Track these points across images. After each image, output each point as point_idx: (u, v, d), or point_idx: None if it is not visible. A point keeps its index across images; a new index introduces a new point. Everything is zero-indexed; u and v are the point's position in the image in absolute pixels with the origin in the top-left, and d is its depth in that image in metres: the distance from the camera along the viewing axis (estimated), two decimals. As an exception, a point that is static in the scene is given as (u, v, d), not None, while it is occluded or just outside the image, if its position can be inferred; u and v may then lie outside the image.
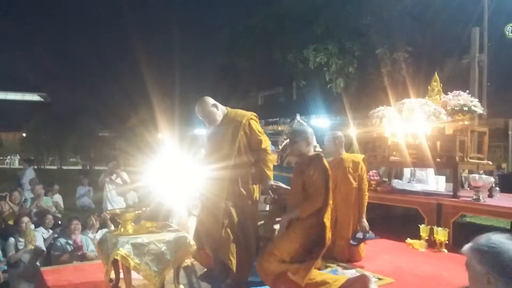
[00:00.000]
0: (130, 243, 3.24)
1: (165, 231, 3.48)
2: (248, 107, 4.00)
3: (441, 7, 11.10)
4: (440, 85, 6.54)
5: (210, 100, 3.83)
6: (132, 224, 3.54)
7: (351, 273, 4.02)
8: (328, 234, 3.37)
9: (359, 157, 4.74)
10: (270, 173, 3.77)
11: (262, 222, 3.90)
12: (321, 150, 4.93)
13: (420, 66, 11.03)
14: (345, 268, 4.20)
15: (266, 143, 3.78)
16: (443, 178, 7.07)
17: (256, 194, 3.81)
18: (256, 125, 3.79)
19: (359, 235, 4.41)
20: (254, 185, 3.77)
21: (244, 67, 15.50)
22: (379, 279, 3.89)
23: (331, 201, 3.49)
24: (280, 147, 5.27)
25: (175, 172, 4.75)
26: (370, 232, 4.48)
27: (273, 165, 4.34)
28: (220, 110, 3.84)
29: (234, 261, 3.58)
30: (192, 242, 3.48)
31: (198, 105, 3.83)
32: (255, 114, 3.86)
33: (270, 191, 3.77)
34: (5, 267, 5.53)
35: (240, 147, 3.70)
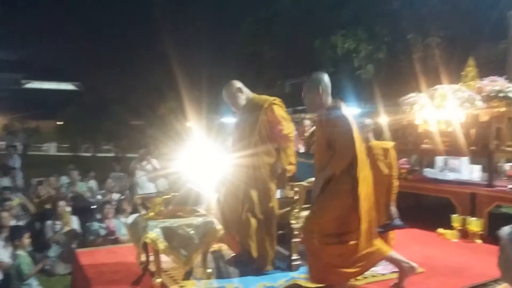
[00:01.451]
0: (159, 227, 3.32)
1: (193, 216, 3.54)
2: (275, 95, 3.96)
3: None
4: (476, 70, 6.32)
5: (236, 84, 3.83)
6: (162, 208, 3.61)
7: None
8: (366, 191, 3.11)
9: (389, 144, 4.65)
10: (288, 162, 3.72)
11: (288, 208, 3.89)
12: None
13: (453, 51, 10.67)
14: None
15: (289, 129, 3.69)
16: (478, 167, 6.86)
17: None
18: (279, 110, 3.70)
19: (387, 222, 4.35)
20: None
21: (270, 55, 15.40)
22: (409, 267, 3.83)
23: (363, 156, 3.18)
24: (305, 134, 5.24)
25: (203, 159, 4.80)
26: (399, 219, 4.38)
27: (300, 152, 4.32)
28: (244, 94, 3.82)
29: (253, 245, 3.61)
30: (219, 227, 3.52)
31: (224, 88, 3.85)
32: (280, 100, 3.79)
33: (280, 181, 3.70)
34: None
35: (261, 132, 3.66)
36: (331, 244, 3.11)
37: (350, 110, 3.32)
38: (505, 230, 1.75)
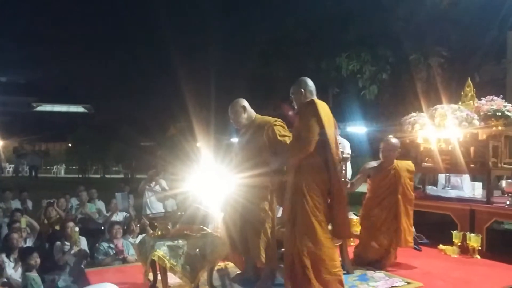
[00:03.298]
0: (167, 245, 3.48)
1: (199, 235, 3.70)
2: (284, 115, 4.13)
3: (476, 10, 10.91)
4: (474, 91, 6.49)
5: (241, 102, 3.96)
6: (169, 228, 3.78)
7: (380, 276, 4.10)
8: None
9: (412, 165, 4.71)
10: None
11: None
12: (349, 154, 4.96)
13: (455, 71, 10.87)
14: (374, 271, 4.27)
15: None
16: (479, 184, 6.97)
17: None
18: (280, 129, 3.81)
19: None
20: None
21: (279, 76, 15.69)
22: (408, 283, 3.96)
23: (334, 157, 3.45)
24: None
25: (211, 179, 4.95)
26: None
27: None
28: (247, 114, 3.94)
29: (259, 263, 3.71)
30: (225, 245, 3.67)
31: (231, 104, 3.99)
32: (280, 120, 3.91)
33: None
34: None
35: (263, 152, 3.77)
36: None
37: (324, 106, 3.57)
38: None
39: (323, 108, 3.51)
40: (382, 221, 4.47)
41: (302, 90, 3.67)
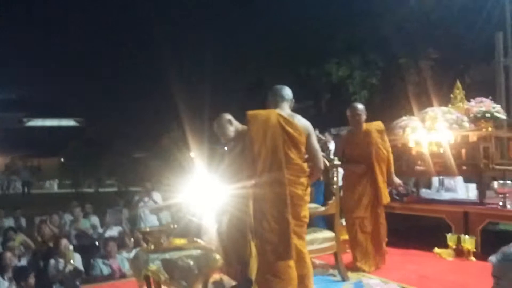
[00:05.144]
0: (160, 259, 3.46)
1: (193, 248, 3.67)
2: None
3: (465, 12, 11.05)
4: (463, 93, 6.53)
5: (226, 116, 3.94)
6: (162, 241, 3.75)
7: (375, 283, 4.08)
8: None
9: (381, 125, 4.92)
10: None
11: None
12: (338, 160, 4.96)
13: (445, 73, 10.97)
14: (369, 278, 4.26)
15: None
16: (473, 186, 6.99)
17: None
18: None
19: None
20: None
21: (272, 84, 15.76)
22: (403, 288, 3.96)
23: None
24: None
25: (204, 190, 4.93)
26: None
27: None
28: (233, 126, 3.92)
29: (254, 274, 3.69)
30: (218, 257, 3.65)
31: (216, 120, 3.99)
32: None
33: None
34: None
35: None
36: None
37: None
38: (495, 259, 1.86)
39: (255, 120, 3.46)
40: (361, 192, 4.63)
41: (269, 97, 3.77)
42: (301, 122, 3.52)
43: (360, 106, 4.99)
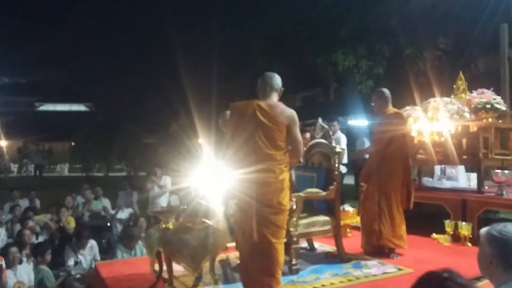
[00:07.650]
0: (171, 237, 3.71)
1: (201, 227, 3.92)
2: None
3: (472, 3, 11.06)
4: (465, 84, 6.68)
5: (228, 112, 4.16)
6: (173, 221, 4.01)
7: (373, 264, 4.33)
8: None
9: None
10: None
11: (288, 218, 4.20)
12: (342, 149, 5.15)
13: (452, 63, 11.04)
14: (367, 259, 4.50)
15: None
16: (474, 175, 7.14)
17: None
18: None
19: None
20: None
21: (280, 72, 15.90)
22: (399, 269, 4.19)
23: None
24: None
25: (212, 174, 5.15)
26: None
27: (298, 166, 4.68)
28: None
29: None
30: (226, 237, 3.90)
31: (220, 117, 4.19)
32: None
33: None
34: None
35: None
36: None
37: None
38: (483, 230, 2.09)
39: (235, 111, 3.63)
40: None
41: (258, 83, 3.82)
42: (284, 113, 3.50)
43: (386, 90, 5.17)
